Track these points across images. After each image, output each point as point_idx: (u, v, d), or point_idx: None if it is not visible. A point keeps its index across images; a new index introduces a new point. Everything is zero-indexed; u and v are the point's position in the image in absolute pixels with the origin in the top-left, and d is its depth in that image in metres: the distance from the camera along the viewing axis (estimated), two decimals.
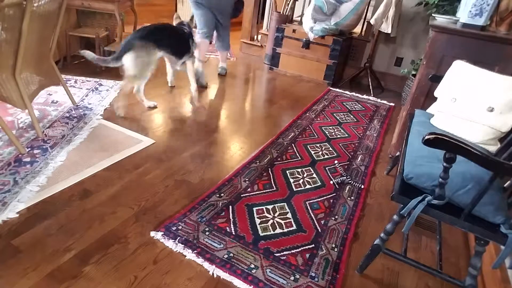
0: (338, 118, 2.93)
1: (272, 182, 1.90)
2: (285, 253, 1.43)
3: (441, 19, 2.11)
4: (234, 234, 1.49)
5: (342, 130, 2.69)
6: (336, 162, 2.21)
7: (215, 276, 1.29)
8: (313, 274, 1.35)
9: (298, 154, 2.24)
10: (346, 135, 2.61)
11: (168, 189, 1.75)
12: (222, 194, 1.74)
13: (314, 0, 3.56)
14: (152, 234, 1.44)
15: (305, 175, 2.01)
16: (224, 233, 1.49)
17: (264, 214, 1.64)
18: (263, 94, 3.46)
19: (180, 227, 1.49)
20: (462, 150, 0.97)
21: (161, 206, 1.62)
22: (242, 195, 1.75)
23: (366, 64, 3.76)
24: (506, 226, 1.06)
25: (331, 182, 1.97)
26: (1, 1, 1.60)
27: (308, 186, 1.91)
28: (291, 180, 1.94)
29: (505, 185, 1.25)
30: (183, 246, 1.39)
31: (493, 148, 1.42)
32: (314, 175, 2.02)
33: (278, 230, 1.55)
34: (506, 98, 1.35)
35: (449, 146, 0.99)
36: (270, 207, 1.69)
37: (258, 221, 1.59)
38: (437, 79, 1.70)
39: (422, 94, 2.02)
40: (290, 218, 1.64)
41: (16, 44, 1.77)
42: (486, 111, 1.38)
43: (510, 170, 0.95)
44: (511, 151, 1.25)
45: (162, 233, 1.44)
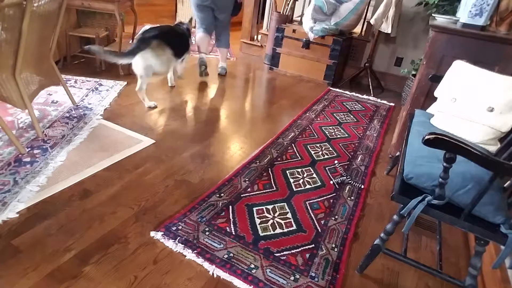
0: (338, 118, 2.93)
1: (272, 182, 1.90)
2: (285, 253, 1.43)
3: (441, 19, 2.11)
4: (234, 234, 1.49)
5: (342, 130, 2.69)
6: (336, 162, 2.21)
7: (215, 276, 1.29)
8: (313, 274, 1.35)
9: (298, 154, 2.24)
10: (346, 135, 2.61)
11: (168, 189, 1.75)
12: (222, 194, 1.74)
13: (314, 0, 3.56)
14: (152, 234, 1.44)
15: (305, 175, 2.01)
16: (224, 233, 1.49)
17: (264, 214, 1.64)
18: (263, 94, 3.46)
19: (180, 227, 1.49)
20: (462, 150, 0.97)
21: (161, 206, 1.62)
22: (242, 195, 1.75)
23: (366, 64, 3.76)
24: (506, 226, 1.06)
25: (331, 182, 1.97)
26: (1, 1, 1.60)
27: (308, 186, 1.91)
28: (291, 180, 1.94)
29: (505, 185, 1.25)
30: (183, 246, 1.39)
31: (493, 148, 1.42)
32: (314, 175, 2.02)
33: (278, 230, 1.55)
34: (506, 98, 1.35)
35: (449, 146, 0.99)
36: (270, 207, 1.69)
37: (258, 221, 1.59)
38: (437, 79, 1.70)
39: (422, 94, 2.02)
40: (290, 218, 1.64)
41: (16, 44, 1.77)
42: (486, 111, 1.38)
43: (510, 170, 0.95)
44: (511, 151, 1.25)
45: (162, 233, 1.44)
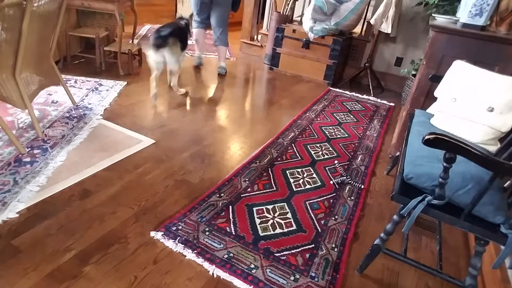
0: (338, 118, 2.93)
1: (272, 182, 1.90)
2: (285, 253, 1.43)
3: (441, 19, 2.11)
4: (234, 234, 1.49)
5: (342, 130, 2.69)
6: (336, 162, 2.21)
7: (215, 276, 1.29)
8: (313, 274, 1.35)
9: (298, 154, 2.24)
10: (346, 135, 2.61)
11: (168, 189, 1.75)
12: (222, 194, 1.74)
13: (314, 0, 3.55)
14: (152, 234, 1.44)
15: (305, 175, 2.01)
16: (224, 233, 1.49)
17: (264, 214, 1.64)
18: (263, 94, 3.46)
19: (180, 227, 1.49)
20: (462, 150, 0.97)
21: (161, 206, 1.62)
22: (242, 195, 1.75)
23: (366, 64, 3.76)
24: (506, 226, 1.06)
25: (331, 182, 1.97)
26: (1, 1, 1.60)
27: (308, 186, 1.91)
28: (291, 180, 1.94)
29: (505, 185, 1.25)
30: (183, 246, 1.39)
31: (493, 148, 1.42)
32: (314, 175, 2.02)
33: (278, 230, 1.55)
34: (506, 98, 1.35)
35: (449, 146, 0.99)
36: (270, 207, 1.69)
37: (258, 221, 1.59)
38: (437, 79, 1.70)
39: (422, 94, 2.02)
40: (290, 218, 1.64)
41: (16, 44, 1.77)
42: (486, 111, 1.38)
43: (510, 170, 0.95)
44: (511, 151, 1.25)
45: (162, 233, 1.44)
